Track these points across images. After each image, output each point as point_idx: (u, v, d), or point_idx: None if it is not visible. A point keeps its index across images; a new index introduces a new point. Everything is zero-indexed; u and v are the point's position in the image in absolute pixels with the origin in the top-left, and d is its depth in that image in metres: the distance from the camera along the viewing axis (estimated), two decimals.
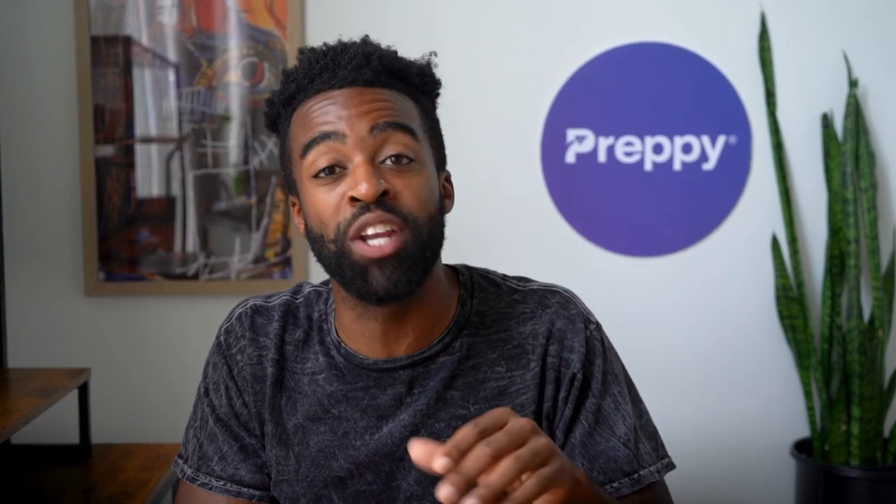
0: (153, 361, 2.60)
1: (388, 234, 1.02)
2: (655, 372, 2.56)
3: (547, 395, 1.12)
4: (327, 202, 1.04)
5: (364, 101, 1.05)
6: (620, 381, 1.15)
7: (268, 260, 2.58)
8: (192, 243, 2.57)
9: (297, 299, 1.19)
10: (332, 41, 1.12)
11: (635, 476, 1.11)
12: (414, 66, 1.11)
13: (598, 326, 1.16)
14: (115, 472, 2.10)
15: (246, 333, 1.17)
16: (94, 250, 2.54)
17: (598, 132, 2.59)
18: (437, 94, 1.16)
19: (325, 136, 1.04)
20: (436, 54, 1.15)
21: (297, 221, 1.13)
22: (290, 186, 1.12)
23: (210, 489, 1.16)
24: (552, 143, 2.59)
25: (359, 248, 1.02)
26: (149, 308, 2.59)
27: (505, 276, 1.20)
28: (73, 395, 2.19)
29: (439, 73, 1.16)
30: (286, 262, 2.58)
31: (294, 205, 1.14)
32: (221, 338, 1.19)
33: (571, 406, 1.11)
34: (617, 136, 2.59)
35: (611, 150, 2.59)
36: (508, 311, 1.15)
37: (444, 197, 1.13)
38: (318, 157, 1.04)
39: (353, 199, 1.02)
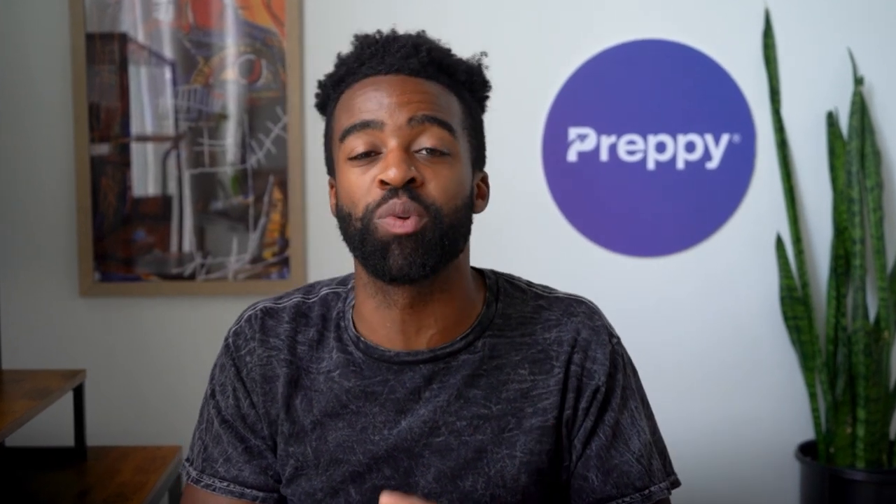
0: (149, 363, 2.58)
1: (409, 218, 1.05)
2: (658, 373, 2.54)
3: (568, 402, 1.14)
4: (359, 183, 1.07)
5: (406, 91, 1.08)
6: (637, 396, 1.18)
7: (265, 260, 2.56)
8: (188, 243, 2.55)
9: (309, 299, 1.20)
10: (375, 32, 1.16)
11: (646, 492, 1.14)
12: (463, 64, 1.14)
13: (619, 341, 1.19)
14: (111, 475, 2.09)
15: (256, 335, 1.18)
16: (89, 250, 2.52)
17: (601, 130, 2.57)
18: (486, 96, 1.19)
19: (365, 125, 1.08)
20: (486, 55, 1.18)
21: (331, 202, 1.16)
22: (329, 166, 1.16)
23: (213, 490, 1.17)
24: (553, 142, 2.57)
25: (383, 225, 1.05)
26: (145, 309, 2.57)
27: (530, 283, 1.23)
28: (69, 397, 2.17)
29: None
30: (284, 263, 2.55)
31: (332, 186, 1.16)
32: (230, 340, 1.20)
33: (592, 418, 1.14)
34: (619, 135, 2.57)
35: (613, 148, 2.57)
36: (534, 316, 1.17)
37: (478, 197, 1.16)
38: (356, 142, 1.08)
39: (383, 183, 1.05)
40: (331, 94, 1.15)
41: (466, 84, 1.14)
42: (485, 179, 1.18)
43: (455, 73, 1.13)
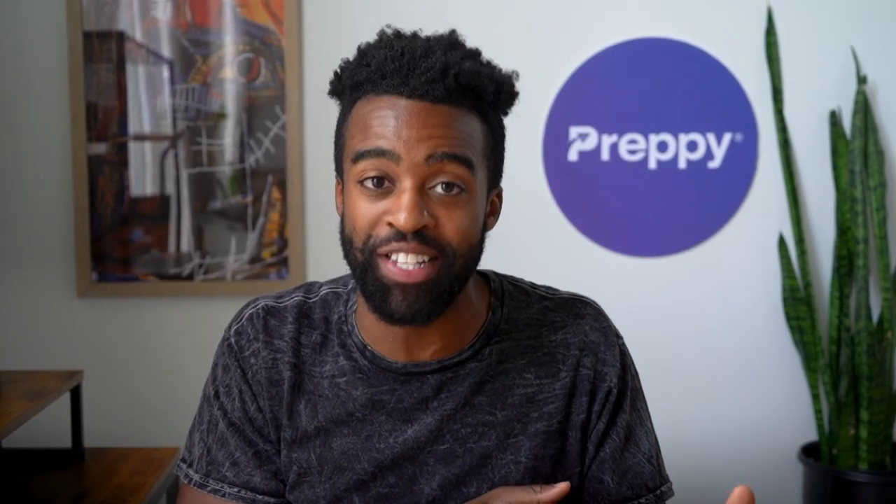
0: (147, 363, 2.57)
1: (419, 263, 1.01)
2: (660, 374, 2.53)
3: (580, 406, 1.12)
4: (366, 213, 1.02)
5: (427, 125, 1.01)
6: (641, 396, 1.17)
7: (264, 260, 2.54)
8: (186, 243, 2.53)
9: (310, 299, 1.16)
10: (404, 33, 1.10)
11: (658, 492, 1.14)
12: (491, 84, 1.07)
13: (624, 341, 1.17)
14: (109, 476, 2.07)
15: (259, 336, 1.14)
16: (86, 250, 2.51)
17: (602, 130, 2.55)
18: (511, 105, 1.13)
19: (381, 153, 1.01)
20: (517, 75, 1.13)
21: (338, 201, 1.10)
22: (337, 166, 1.10)
23: (223, 496, 1.13)
24: (554, 141, 2.56)
25: (385, 267, 1.01)
26: (143, 309, 2.56)
27: (533, 285, 1.21)
28: (66, 398, 2.16)
29: None
30: (283, 263, 2.54)
31: (338, 184, 1.10)
32: (232, 339, 1.16)
33: (605, 420, 1.13)
34: (620, 134, 2.55)
35: (614, 147, 2.55)
36: (539, 318, 1.15)
37: (490, 214, 1.12)
38: (369, 168, 1.02)
39: (391, 224, 1.01)
40: (347, 91, 1.07)
41: (493, 103, 1.08)
42: (499, 194, 1.14)
43: (483, 94, 1.06)
